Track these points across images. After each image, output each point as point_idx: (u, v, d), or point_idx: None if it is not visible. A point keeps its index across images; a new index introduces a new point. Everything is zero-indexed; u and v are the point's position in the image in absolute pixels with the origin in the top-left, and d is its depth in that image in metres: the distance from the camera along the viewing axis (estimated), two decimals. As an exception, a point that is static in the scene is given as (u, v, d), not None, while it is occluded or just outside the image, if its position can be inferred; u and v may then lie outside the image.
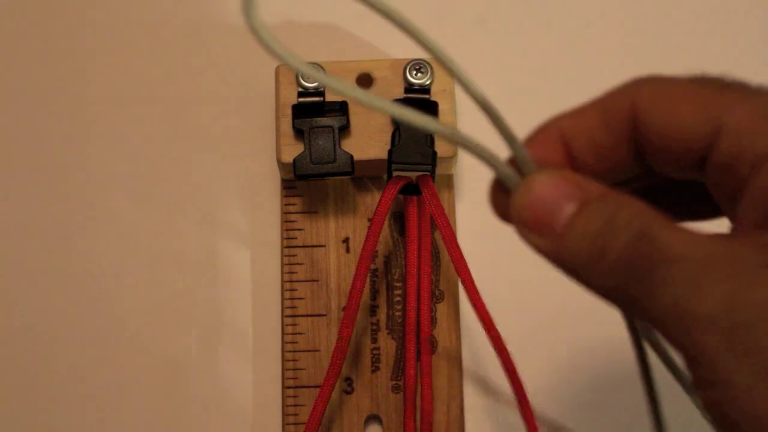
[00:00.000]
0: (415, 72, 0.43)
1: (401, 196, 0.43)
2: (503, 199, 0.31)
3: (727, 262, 0.26)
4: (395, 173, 0.42)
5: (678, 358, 0.28)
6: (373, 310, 0.44)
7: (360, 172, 0.43)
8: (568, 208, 0.29)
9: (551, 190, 0.29)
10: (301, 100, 0.43)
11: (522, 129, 0.29)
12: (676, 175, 0.30)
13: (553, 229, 0.29)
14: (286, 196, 0.45)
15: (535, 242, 0.30)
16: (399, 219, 0.44)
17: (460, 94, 0.46)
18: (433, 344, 0.43)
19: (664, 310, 0.27)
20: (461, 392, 0.43)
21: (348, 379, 0.43)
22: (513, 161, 0.30)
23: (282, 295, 0.44)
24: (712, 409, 0.26)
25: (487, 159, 0.29)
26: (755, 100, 0.29)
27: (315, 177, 0.43)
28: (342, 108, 0.43)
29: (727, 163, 0.29)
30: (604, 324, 0.44)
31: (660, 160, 0.30)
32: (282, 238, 0.44)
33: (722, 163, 0.29)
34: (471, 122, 0.46)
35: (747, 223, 0.29)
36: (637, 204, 0.28)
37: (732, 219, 0.29)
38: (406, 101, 0.43)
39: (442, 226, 0.42)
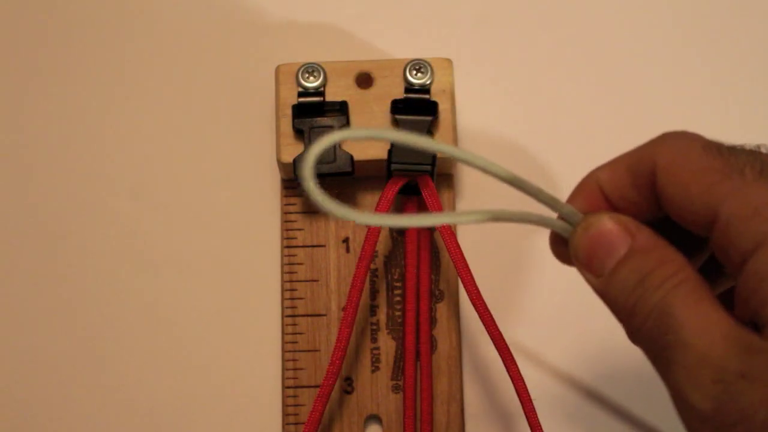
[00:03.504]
0: (415, 72, 0.43)
1: (401, 196, 0.43)
2: (562, 246, 0.33)
3: (719, 364, 0.28)
4: (395, 173, 0.42)
5: None
6: (373, 310, 0.44)
7: (360, 172, 0.43)
8: (618, 253, 0.31)
9: (605, 233, 0.31)
10: (301, 100, 0.43)
11: (527, 132, 0.29)
12: (693, 231, 0.31)
13: (603, 270, 0.31)
14: (286, 196, 0.45)
15: (588, 279, 0.31)
16: (399, 219, 0.44)
17: (460, 94, 0.46)
18: (433, 344, 0.43)
19: (671, 391, 0.29)
20: (461, 392, 0.43)
21: (348, 379, 0.43)
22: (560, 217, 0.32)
23: (282, 295, 0.44)
24: None
25: (537, 221, 0.31)
26: (750, 192, 0.29)
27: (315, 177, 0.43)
28: (342, 108, 0.43)
29: (722, 249, 0.30)
30: (605, 323, 0.44)
31: (677, 219, 0.31)
32: (282, 238, 0.44)
33: (718, 246, 0.30)
34: (470, 122, 0.46)
35: (739, 312, 0.30)
36: (676, 262, 0.30)
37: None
38: (406, 101, 0.43)
39: (442, 225, 0.42)
